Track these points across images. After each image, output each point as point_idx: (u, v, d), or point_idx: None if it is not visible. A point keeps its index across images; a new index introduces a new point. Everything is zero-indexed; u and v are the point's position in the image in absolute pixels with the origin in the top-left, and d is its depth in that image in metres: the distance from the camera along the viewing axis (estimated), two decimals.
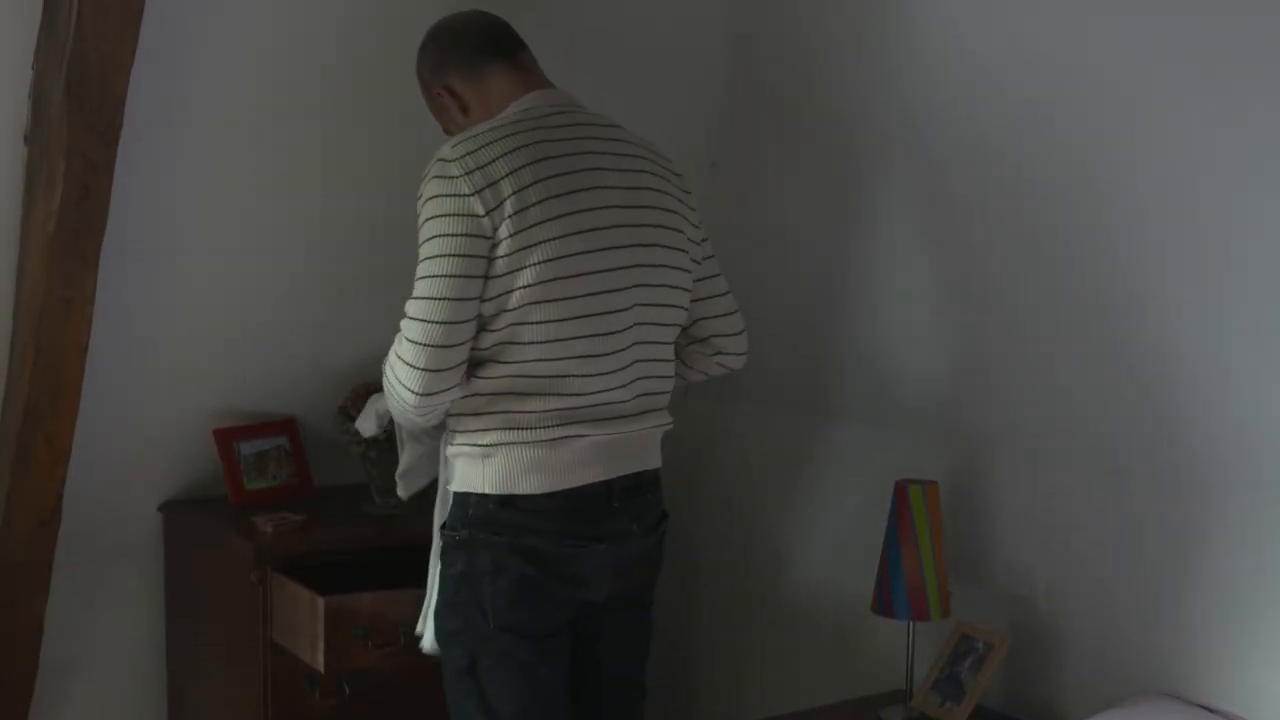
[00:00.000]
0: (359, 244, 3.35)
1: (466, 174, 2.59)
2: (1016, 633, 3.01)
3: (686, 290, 2.83)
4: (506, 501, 2.65)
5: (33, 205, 2.95)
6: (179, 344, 3.32)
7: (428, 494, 2.95)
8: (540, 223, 2.60)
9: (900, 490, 2.99)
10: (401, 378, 2.61)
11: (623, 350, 2.71)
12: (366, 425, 3.10)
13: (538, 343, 2.62)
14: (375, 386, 3.30)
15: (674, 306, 2.81)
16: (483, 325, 2.62)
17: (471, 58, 2.82)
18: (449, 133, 2.88)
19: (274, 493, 3.50)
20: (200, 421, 3.45)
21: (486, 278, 2.59)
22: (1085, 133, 2.84)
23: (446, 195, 2.59)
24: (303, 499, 3.52)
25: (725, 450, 3.77)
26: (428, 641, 2.81)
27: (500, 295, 2.60)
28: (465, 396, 2.66)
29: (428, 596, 2.82)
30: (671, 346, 2.84)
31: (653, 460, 2.81)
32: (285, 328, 3.41)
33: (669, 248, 2.78)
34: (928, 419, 3.23)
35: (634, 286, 2.71)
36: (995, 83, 3.00)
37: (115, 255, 3.02)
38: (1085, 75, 2.83)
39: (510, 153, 2.62)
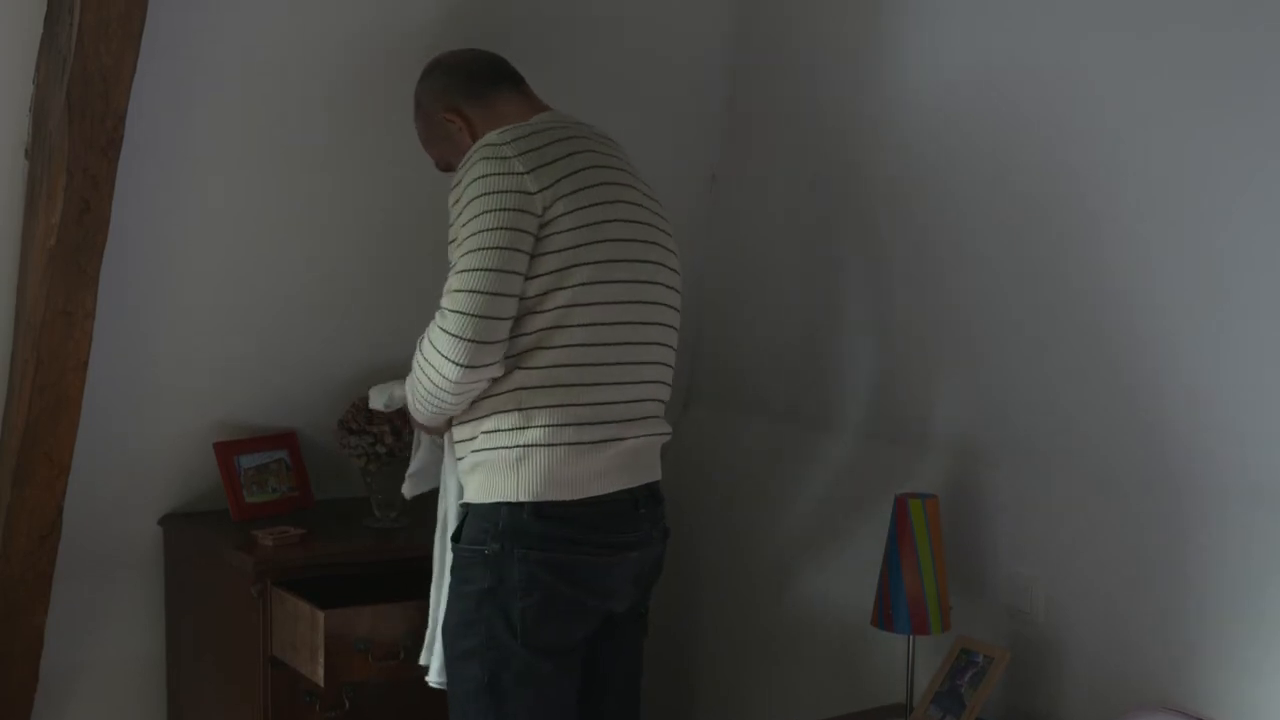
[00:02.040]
0: (361, 258, 3.35)
1: (520, 155, 2.63)
2: (1017, 647, 3.01)
3: (679, 310, 2.87)
4: (539, 510, 2.63)
5: (33, 220, 2.95)
6: (179, 358, 3.32)
7: (429, 509, 2.95)
8: (596, 204, 2.65)
9: (900, 504, 2.99)
10: (444, 349, 2.56)
11: (650, 344, 2.75)
12: (377, 398, 3.06)
13: (586, 325, 2.63)
14: None
15: (678, 311, 2.85)
16: (530, 309, 2.61)
17: (478, 84, 2.86)
18: (446, 164, 2.90)
19: (274, 506, 3.49)
20: (200, 435, 3.45)
21: (540, 254, 2.60)
22: (1081, 147, 2.84)
23: (498, 174, 2.61)
24: (303, 512, 3.52)
25: (727, 464, 3.77)
26: (434, 676, 2.79)
27: (553, 273, 2.61)
28: (508, 391, 2.64)
29: (431, 624, 2.81)
30: (674, 353, 2.86)
31: (658, 471, 2.83)
32: (286, 341, 3.40)
33: (674, 266, 2.84)
34: (928, 432, 3.23)
35: (659, 284, 2.76)
36: (992, 96, 3.00)
37: (116, 270, 3.02)
38: (1080, 89, 2.83)
39: (557, 141, 2.69)
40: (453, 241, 2.64)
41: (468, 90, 2.85)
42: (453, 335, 2.56)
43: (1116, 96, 2.78)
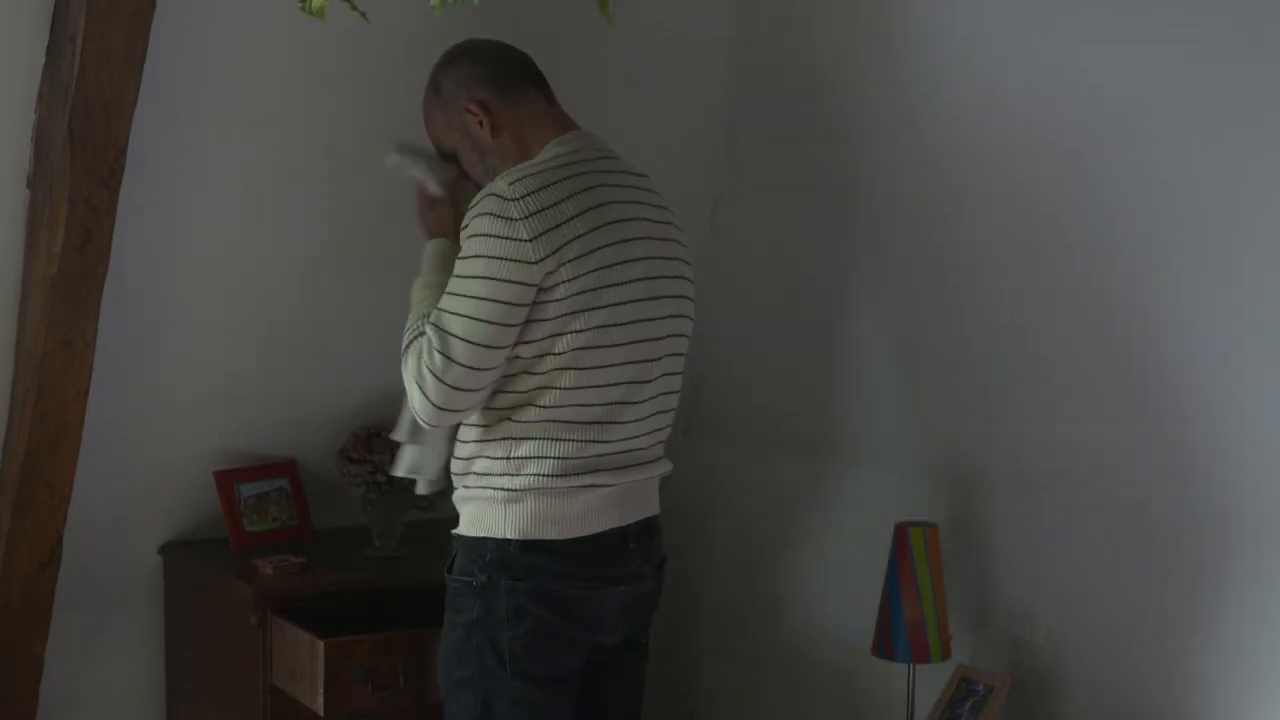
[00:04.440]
0: (362, 287, 3.36)
1: (525, 218, 2.56)
2: (1017, 675, 3.01)
3: (685, 355, 2.86)
4: (528, 546, 2.64)
5: (34, 249, 2.96)
6: (179, 387, 3.32)
7: (429, 538, 2.94)
8: (597, 269, 2.61)
9: (900, 533, 2.99)
10: (428, 390, 2.59)
11: (650, 399, 2.73)
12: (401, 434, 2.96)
13: (580, 388, 2.62)
14: (375, 430, 3.32)
15: (684, 355, 2.84)
16: (525, 369, 2.61)
17: (506, 77, 2.76)
18: (452, 156, 2.82)
19: (274, 535, 3.49)
20: (201, 463, 3.45)
21: (535, 321, 2.58)
22: (1089, 163, 2.83)
23: (502, 237, 2.56)
24: (303, 541, 3.51)
25: (726, 493, 3.76)
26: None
27: (548, 338, 2.59)
28: (496, 440, 2.65)
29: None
30: (678, 395, 2.85)
31: (656, 505, 2.83)
32: (286, 370, 3.41)
33: (689, 299, 2.82)
34: (929, 460, 3.23)
35: (668, 336, 2.74)
36: (997, 112, 2.99)
37: (116, 299, 3.03)
38: (1089, 102, 2.81)
39: (571, 197, 2.61)
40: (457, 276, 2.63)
41: (492, 78, 2.74)
42: (437, 379, 2.58)
43: (1127, 110, 2.75)
